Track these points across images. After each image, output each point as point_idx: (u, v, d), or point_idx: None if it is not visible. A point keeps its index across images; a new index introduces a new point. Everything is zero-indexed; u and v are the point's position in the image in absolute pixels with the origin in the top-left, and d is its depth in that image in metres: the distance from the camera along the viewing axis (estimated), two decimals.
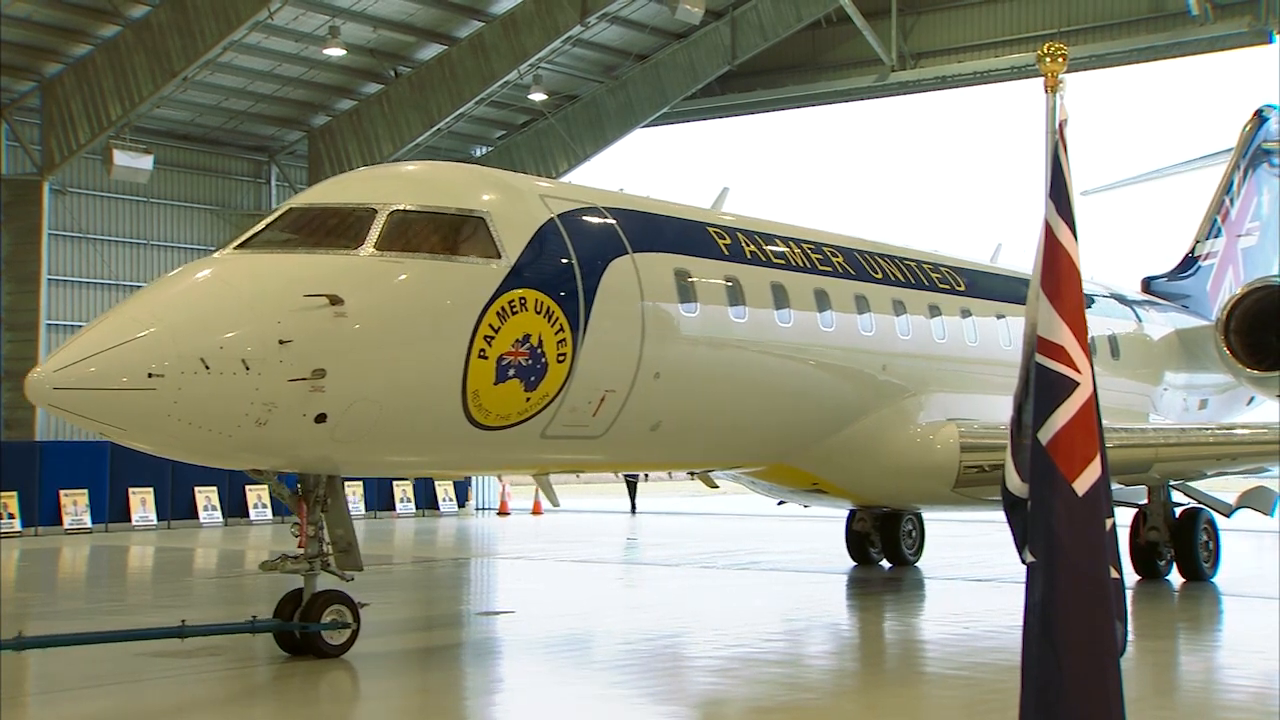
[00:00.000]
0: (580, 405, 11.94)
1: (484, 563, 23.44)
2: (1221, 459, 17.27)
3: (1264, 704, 9.70)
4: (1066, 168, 5.62)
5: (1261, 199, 26.80)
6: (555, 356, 11.51)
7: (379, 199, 11.28)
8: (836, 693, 10.54)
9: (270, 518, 31.84)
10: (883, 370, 15.82)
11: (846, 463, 15.73)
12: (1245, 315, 20.96)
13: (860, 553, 20.23)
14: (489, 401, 11.14)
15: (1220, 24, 32.29)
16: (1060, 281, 5.52)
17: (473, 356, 10.90)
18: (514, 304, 11.22)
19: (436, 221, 11.27)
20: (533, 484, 38.53)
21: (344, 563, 11.76)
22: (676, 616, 15.28)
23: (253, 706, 10.17)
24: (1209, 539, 17.77)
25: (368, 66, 34.28)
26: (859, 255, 16.23)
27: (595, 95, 38.16)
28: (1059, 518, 5.34)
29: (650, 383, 12.55)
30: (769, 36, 36.15)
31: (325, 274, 10.53)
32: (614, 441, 12.71)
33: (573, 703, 10.13)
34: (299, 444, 10.50)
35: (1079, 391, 5.43)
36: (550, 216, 12.03)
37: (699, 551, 23.68)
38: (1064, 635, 5.24)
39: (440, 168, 14.12)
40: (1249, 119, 26.72)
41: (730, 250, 14.17)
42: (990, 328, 17.95)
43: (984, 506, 17.56)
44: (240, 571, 22.29)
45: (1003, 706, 8.87)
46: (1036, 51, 5.85)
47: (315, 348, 10.16)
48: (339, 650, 11.44)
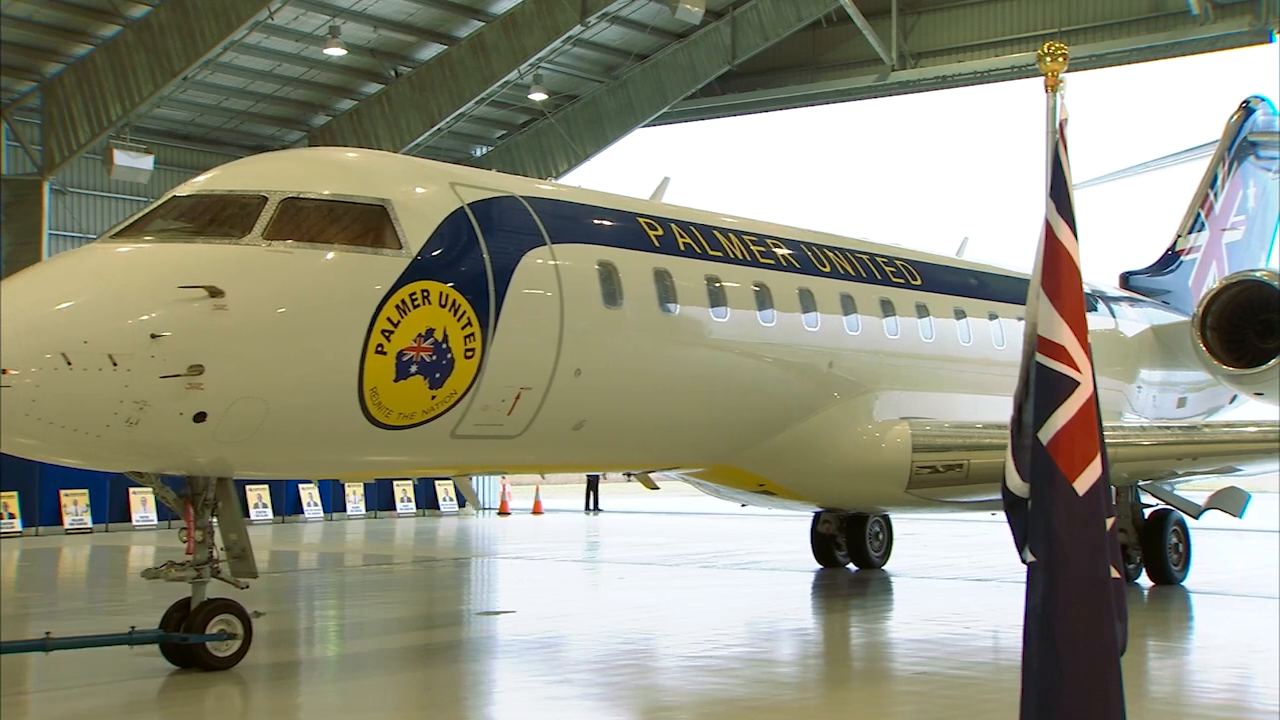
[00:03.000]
0: (493, 403, 11.42)
1: (484, 562, 23.45)
2: (1183, 459, 16.74)
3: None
4: (1067, 167, 5.62)
5: (1248, 192, 26.14)
6: (463, 352, 10.99)
7: (270, 186, 10.72)
8: (836, 694, 10.54)
9: (270, 518, 31.85)
10: (829, 367, 15.23)
11: (793, 463, 15.20)
12: (1223, 311, 20.37)
13: (826, 555, 19.78)
14: (390, 399, 10.62)
15: (1220, 23, 32.25)
16: (1061, 281, 5.52)
17: (369, 352, 10.37)
18: (415, 297, 10.67)
19: (332, 210, 10.75)
20: (533, 484, 38.29)
21: (238, 569, 11.23)
22: (682, 617, 15.29)
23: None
24: (1179, 541, 17.32)
25: (368, 66, 34.27)
26: (805, 248, 15.67)
27: (595, 95, 38.15)
28: (1059, 517, 5.33)
29: (570, 380, 12.02)
30: (769, 36, 36.14)
31: (205, 264, 9.95)
32: (534, 441, 12.18)
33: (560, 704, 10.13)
34: (177, 444, 9.96)
35: (1079, 391, 5.43)
36: (460, 205, 11.49)
37: (696, 552, 23.69)
38: (1064, 635, 5.24)
39: (340, 153, 13.45)
40: (1235, 110, 26.05)
41: (662, 242, 13.58)
42: (947, 323, 17.36)
43: (943, 509, 17.14)
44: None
45: (971, 712, 8.89)
46: (1037, 51, 5.84)
47: (191, 343, 9.61)
48: (227, 663, 10.86)
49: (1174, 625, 14.59)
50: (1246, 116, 25.99)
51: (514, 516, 35.53)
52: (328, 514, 33.20)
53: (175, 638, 10.86)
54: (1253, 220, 26.29)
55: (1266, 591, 17.06)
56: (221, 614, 10.95)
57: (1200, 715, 9.61)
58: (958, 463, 15.63)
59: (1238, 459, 17.11)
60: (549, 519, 35.10)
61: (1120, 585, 5.40)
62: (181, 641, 10.82)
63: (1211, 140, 26.15)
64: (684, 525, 30.57)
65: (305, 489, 32.84)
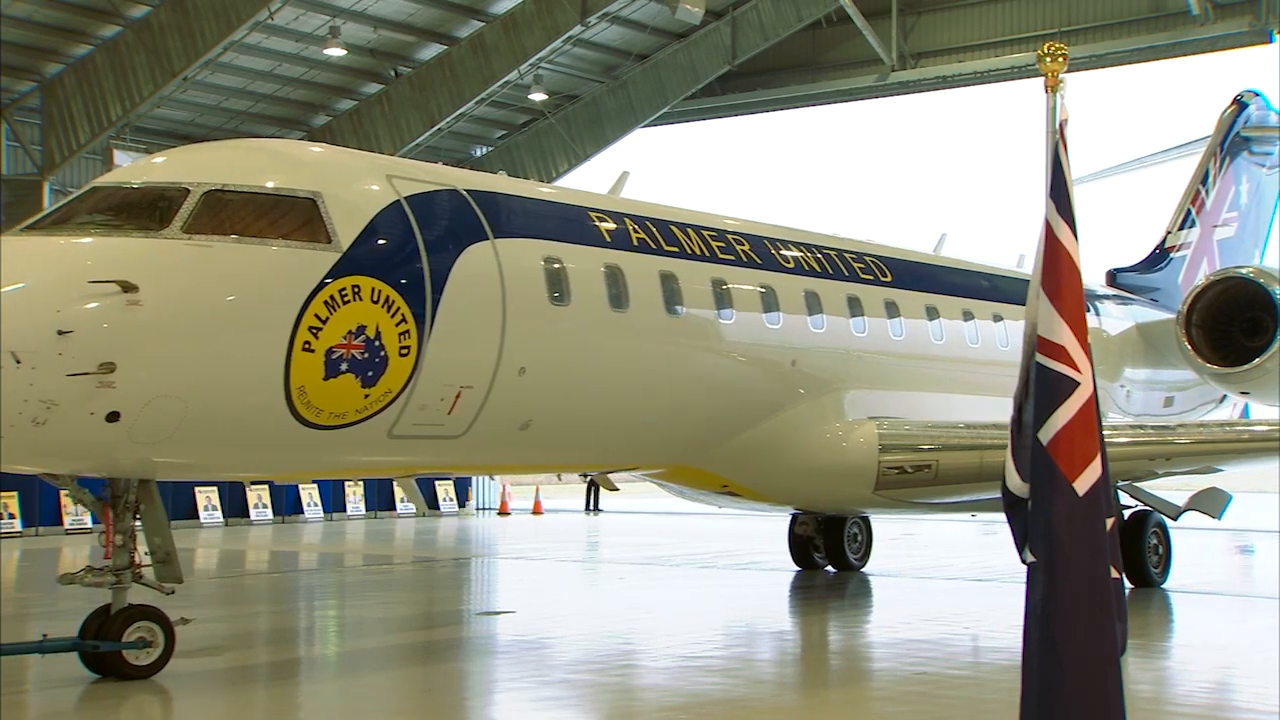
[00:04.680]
0: (431, 402, 11.07)
1: (484, 563, 23.45)
2: (1156, 459, 16.28)
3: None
4: (1067, 167, 5.63)
5: (1240, 188, 25.63)
6: (397, 350, 10.62)
7: (193, 177, 10.35)
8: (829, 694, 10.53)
9: (271, 518, 31.86)
10: (792, 366, 14.82)
11: (756, 464, 14.79)
12: (1208, 308, 20.06)
13: (803, 557, 19.44)
14: (319, 398, 10.27)
15: (1220, 24, 32.28)
16: (1061, 281, 5.52)
17: (296, 350, 10.03)
18: (345, 293, 10.31)
19: (259, 202, 10.42)
20: (533, 484, 38.25)
21: (163, 574, 10.83)
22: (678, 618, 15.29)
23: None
24: (1159, 543, 16.93)
25: (368, 66, 34.29)
26: (769, 244, 15.26)
27: (595, 95, 38.17)
28: (1060, 517, 5.34)
29: (515, 379, 11.66)
30: (769, 36, 36.16)
31: (119, 258, 9.59)
32: (477, 442, 11.83)
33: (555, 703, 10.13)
34: (89, 445, 9.52)
35: (1079, 391, 5.43)
36: (396, 198, 11.13)
37: (696, 552, 23.68)
38: (1065, 635, 5.24)
39: (270, 144, 12.99)
40: (1228, 106, 25.53)
41: (614, 237, 13.20)
42: (918, 320, 16.96)
43: (914, 510, 16.81)
44: (240, 571, 22.31)
45: (971, 712, 8.90)
46: (1037, 51, 5.84)
47: (101, 339, 9.22)
48: (146, 671, 10.39)
49: (1154, 627, 14.30)
50: (1240, 112, 25.48)
51: (514, 517, 35.53)
52: (328, 514, 33.20)
53: (87, 646, 10.40)
54: (1245, 216, 25.81)
55: (1247, 591, 16.95)
56: (140, 621, 10.49)
57: (1181, 716, 9.61)
58: (926, 463, 15.34)
59: (1215, 459, 16.64)
60: (549, 519, 35.09)
61: (1120, 585, 5.41)
62: (93, 650, 10.38)
63: (1204, 136, 25.67)
64: (684, 525, 30.56)
65: (305, 489, 32.83)
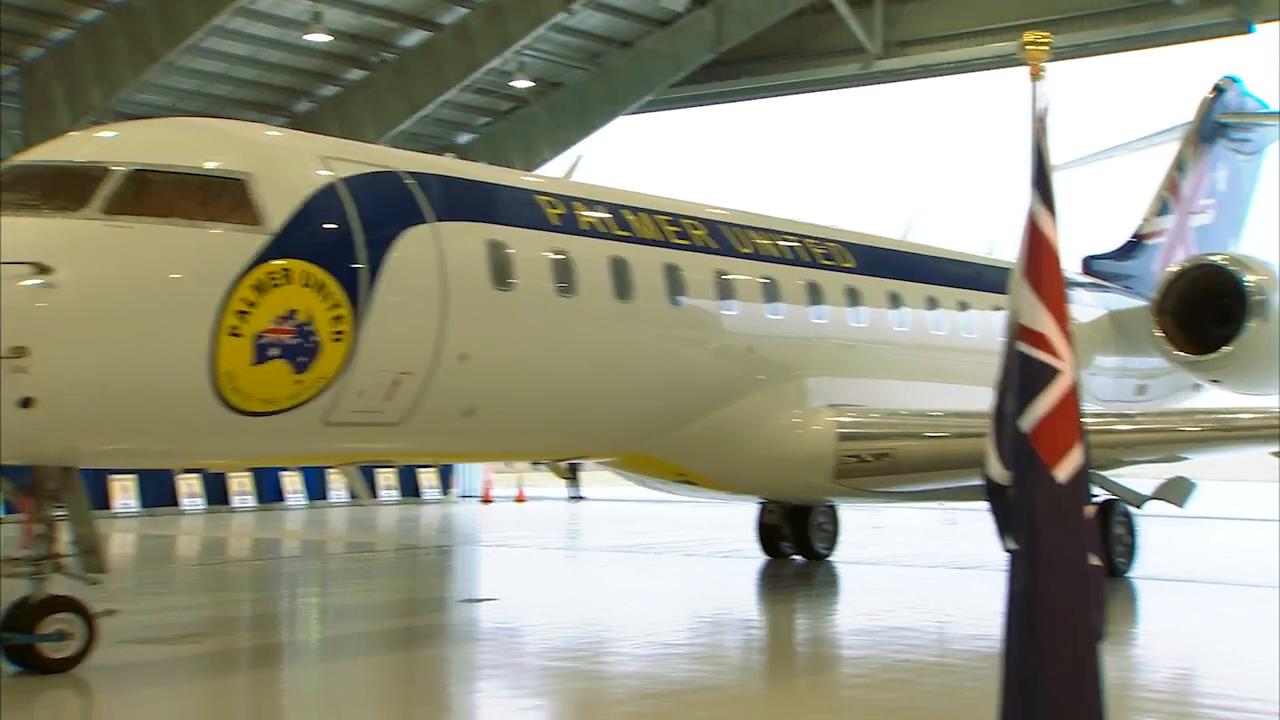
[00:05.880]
0: (369, 388, 10.89)
1: (467, 550, 23.45)
2: (1117, 448, 15.80)
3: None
4: (1049, 156, 5.64)
5: (1218, 175, 25.30)
6: (330, 335, 10.44)
7: (114, 156, 10.12)
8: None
9: (253, 505, 31.79)
10: (748, 352, 14.66)
11: (711, 452, 14.59)
12: (1180, 296, 19.85)
13: (771, 546, 19.26)
14: (248, 384, 10.09)
15: (1202, 13, 32.35)
16: (1042, 270, 5.55)
17: (222, 334, 9.83)
18: (275, 276, 10.12)
19: (184, 183, 10.24)
20: (514, 472, 38.15)
21: (87, 565, 10.53)
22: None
23: None
24: (1125, 532, 16.75)
25: (351, 52, 34.11)
26: (726, 228, 15.04)
27: (579, 82, 38.06)
28: (1040, 505, 5.36)
29: (456, 365, 11.47)
30: (753, 25, 36.09)
31: (32, 240, 9.35)
32: (418, 429, 11.64)
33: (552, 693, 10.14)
34: (2, 432, 9.31)
35: (1061, 379, 5.46)
36: (331, 180, 10.93)
37: (680, 540, 23.73)
38: (1045, 622, 5.27)
39: (200, 124, 12.61)
40: (1208, 92, 25.23)
41: (563, 221, 13.00)
42: (881, 307, 16.71)
43: (876, 499, 16.69)
44: (222, 558, 22.27)
45: (952, 699, 8.94)
46: (1019, 40, 5.85)
47: (13, 323, 9.02)
48: (65, 665, 10.08)
49: (1120, 615, 13.97)
50: (1218, 98, 25.19)
51: (496, 504, 35.54)
52: (310, 501, 33.15)
53: (2, 638, 10.09)
54: (1223, 204, 25.54)
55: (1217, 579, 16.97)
56: (59, 613, 10.16)
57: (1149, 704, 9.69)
58: (885, 451, 15.14)
59: (1178, 447, 16.29)
60: (532, 506, 35.10)
61: (1100, 573, 5.44)
62: (8, 642, 10.07)
63: (1181, 123, 25.34)
64: (667, 513, 30.59)
65: (287, 476, 32.77)
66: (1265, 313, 19.22)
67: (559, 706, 9.76)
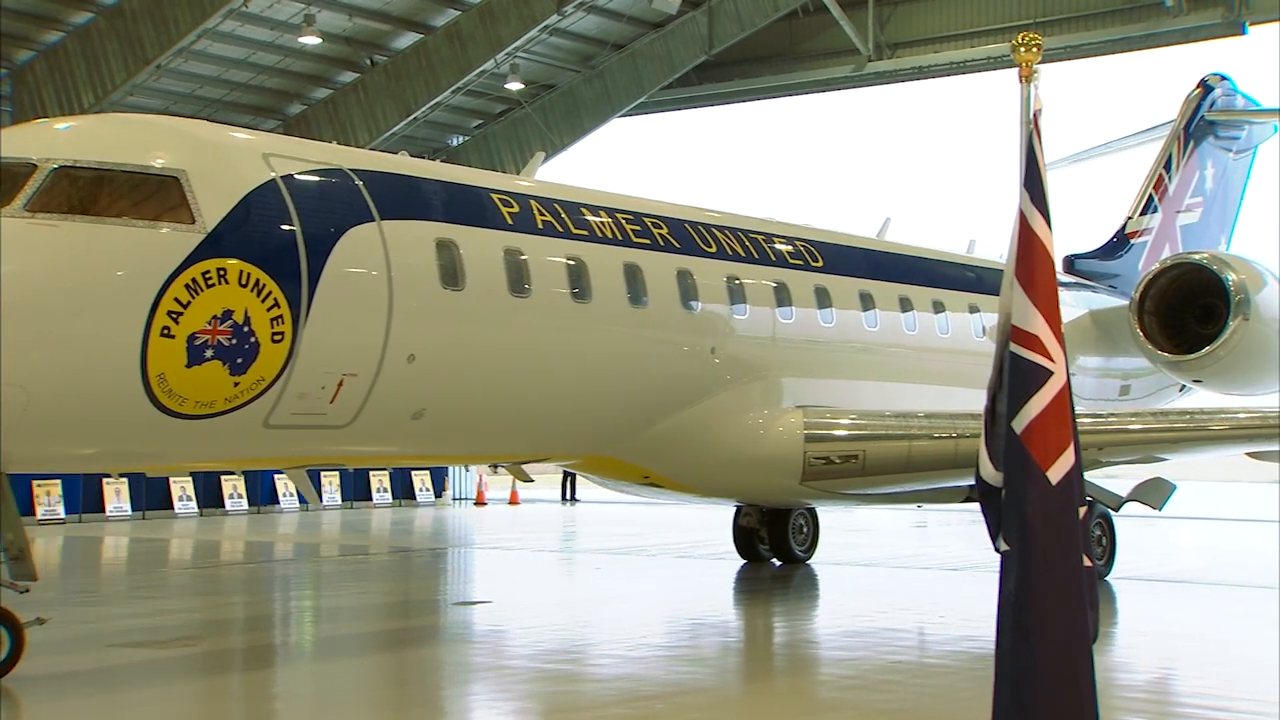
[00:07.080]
0: (311, 390, 10.63)
1: (460, 553, 23.43)
2: (1089, 449, 15.32)
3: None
4: (1041, 157, 5.65)
5: (1205, 173, 25.03)
6: (269, 336, 10.20)
7: (41, 153, 9.85)
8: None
9: (246, 508, 31.73)
10: (711, 353, 14.38)
11: (676, 454, 14.35)
12: (1161, 295, 19.60)
13: (748, 549, 19.01)
14: (182, 386, 9.85)
15: (1193, 15, 32.44)
16: (1034, 271, 5.55)
17: (153, 335, 9.58)
18: (210, 276, 9.87)
19: (114, 180, 9.94)
20: (508, 475, 38.28)
21: (16, 571, 10.04)
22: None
23: None
24: (1103, 534, 16.58)
25: (344, 55, 34.10)
26: (689, 227, 14.74)
27: (572, 85, 38.08)
28: (1033, 506, 5.37)
29: (403, 366, 11.21)
30: (746, 26, 36.14)
31: None
32: (365, 432, 11.40)
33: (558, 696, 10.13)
34: None
35: (1053, 381, 5.47)
36: (271, 177, 10.68)
37: (672, 542, 23.73)
38: (1038, 623, 5.28)
39: (134, 119, 12.33)
40: (1194, 89, 24.96)
41: (516, 219, 12.71)
42: (851, 307, 16.42)
43: (846, 502, 16.47)
44: (215, 562, 22.23)
45: (946, 700, 8.94)
46: (1011, 42, 5.86)
47: None
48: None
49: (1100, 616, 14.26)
50: (1205, 95, 24.90)
51: (490, 507, 35.50)
52: (303, 505, 33.08)
53: None
54: (1210, 202, 25.26)
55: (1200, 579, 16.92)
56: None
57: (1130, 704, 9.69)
58: (853, 453, 14.96)
59: (1154, 447, 16.03)
60: (525, 509, 35.08)
61: (1091, 573, 5.44)
62: None
63: (1168, 121, 25.12)
64: (660, 516, 30.59)
65: (281, 480, 32.69)
66: (1248, 311, 19.01)
67: (550, 709, 9.74)
